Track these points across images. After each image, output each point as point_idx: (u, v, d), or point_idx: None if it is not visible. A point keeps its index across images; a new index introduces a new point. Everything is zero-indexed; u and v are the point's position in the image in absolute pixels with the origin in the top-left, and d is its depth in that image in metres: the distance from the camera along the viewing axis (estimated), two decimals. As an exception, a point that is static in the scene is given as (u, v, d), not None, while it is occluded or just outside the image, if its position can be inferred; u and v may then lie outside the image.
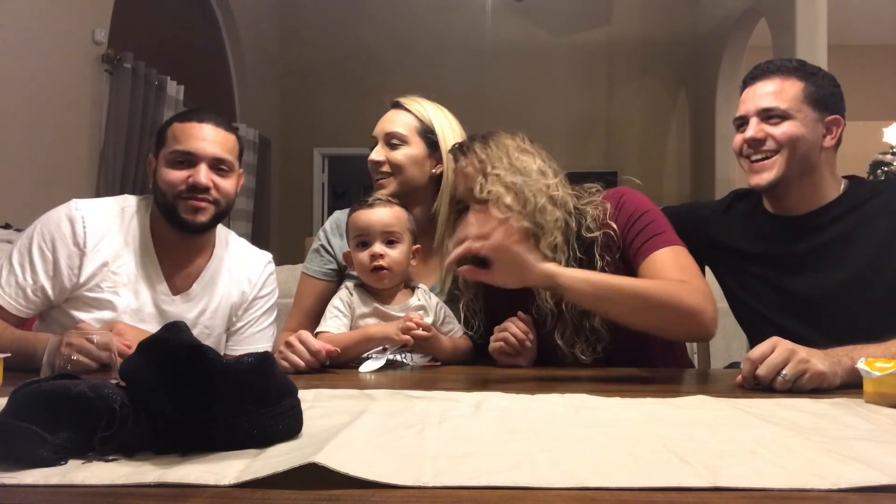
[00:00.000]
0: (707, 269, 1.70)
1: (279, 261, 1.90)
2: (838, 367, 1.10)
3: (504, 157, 1.41)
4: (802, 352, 1.08)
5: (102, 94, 3.89)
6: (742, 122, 1.51)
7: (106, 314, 1.46)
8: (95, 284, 1.47)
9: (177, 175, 1.46)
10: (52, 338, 0.98)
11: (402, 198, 1.58)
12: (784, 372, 1.07)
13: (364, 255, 1.44)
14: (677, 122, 7.06)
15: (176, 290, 1.56)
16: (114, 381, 0.71)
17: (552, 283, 1.22)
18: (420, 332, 1.36)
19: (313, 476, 0.59)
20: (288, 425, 0.73)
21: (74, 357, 0.97)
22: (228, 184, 1.52)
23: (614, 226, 1.42)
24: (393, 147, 1.61)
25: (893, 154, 5.83)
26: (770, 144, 1.45)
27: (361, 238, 1.46)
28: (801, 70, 1.47)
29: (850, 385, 1.07)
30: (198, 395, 0.67)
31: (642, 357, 1.44)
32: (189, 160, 1.47)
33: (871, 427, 0.82)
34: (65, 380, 0.71)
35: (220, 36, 5.86)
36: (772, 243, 1.52)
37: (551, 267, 1.23)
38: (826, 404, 0.96)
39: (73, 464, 0.63)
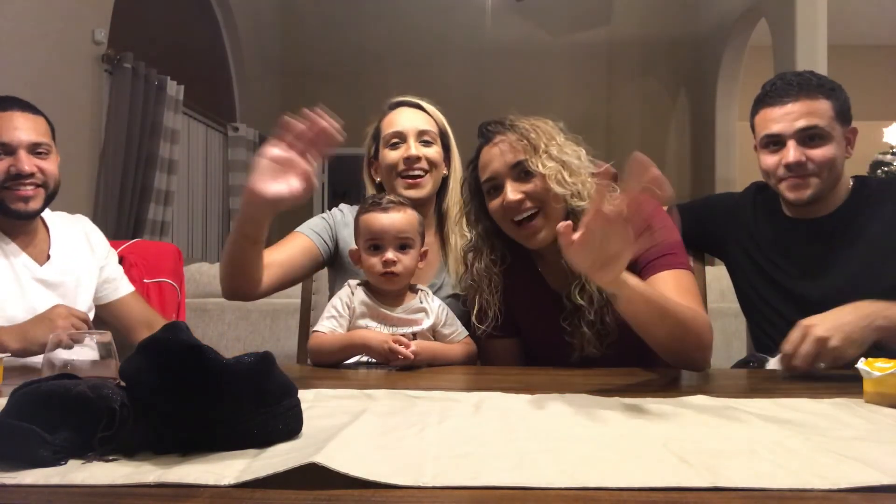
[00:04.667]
0: (706, 265, 1.72)
1: (279, 261, 1.90)
2: (868, 331, 1.20)
3: (555, 136, 1.43)
4: (819, 329, 1.17)
5: (102, 94, 3.89)
6: (773, 142, 1.49)
7: None
8: None
9: None
10: (51, 335, 0.98)
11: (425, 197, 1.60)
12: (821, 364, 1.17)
13: (376, 261, 1.43)
14: (677, 122, 7.06)
15: (39, 261, 1.63)
16: (114, 381, 0.71)
17: (616, 288, 1.09)
18: (401, 357, 1.33)
19: (313, 476, 0.59)
20: (288, 425, 0.73)
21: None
22: (50, 165, 1.57)
23: None
24: (426, 144, 1.61)
25: (893, 154, 5.84)
26: (810, 168, 1.45)
27: (374, 242, 1.44)
28: (823, 87, 1.46)
29: (851, 383, 1.07)
30: (197, 394, 0.67)
31: (646, 354, 1.43)
32: (6, 150, 1.49)
33: (871, 427, 0.82)
34: (65, 380, 0.71)
35: (220, 36, 5.86)
36: (788, 245, 1.55)
37: (626, 275, 1.08)
38: (826, 404, 0.96)
39: (73, 464, 0.63)
